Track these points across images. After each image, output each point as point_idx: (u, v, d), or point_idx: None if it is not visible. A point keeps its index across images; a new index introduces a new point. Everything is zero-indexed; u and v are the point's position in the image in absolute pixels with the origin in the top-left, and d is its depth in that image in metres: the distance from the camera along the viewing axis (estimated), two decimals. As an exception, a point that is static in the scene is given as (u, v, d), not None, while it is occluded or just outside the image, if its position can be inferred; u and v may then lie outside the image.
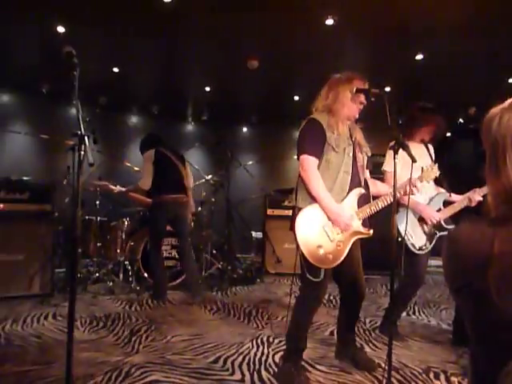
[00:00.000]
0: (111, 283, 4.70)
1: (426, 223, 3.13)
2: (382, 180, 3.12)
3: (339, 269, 2.54)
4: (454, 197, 3.30)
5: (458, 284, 0.85)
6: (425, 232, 3.15)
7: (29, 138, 6.70)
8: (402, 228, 2.98)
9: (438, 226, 3.17)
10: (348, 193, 2.51)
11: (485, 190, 3.08)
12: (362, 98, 2.52)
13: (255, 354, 2.93)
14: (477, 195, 3.16)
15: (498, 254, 0.76)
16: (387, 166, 3.25)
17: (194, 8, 3.99)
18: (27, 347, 2.95)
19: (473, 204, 3.16)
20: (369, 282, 5.53)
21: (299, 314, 2.59)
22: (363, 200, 2.57)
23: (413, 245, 3.13)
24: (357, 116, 2.59)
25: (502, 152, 0.84)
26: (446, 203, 3.29)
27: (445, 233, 3.17)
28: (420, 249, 3.13)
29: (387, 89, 5.84)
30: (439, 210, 3.23)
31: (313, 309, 2.58)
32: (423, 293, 4.99)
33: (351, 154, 2.53)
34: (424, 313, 4.13)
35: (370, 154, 2.71)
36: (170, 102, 7.50)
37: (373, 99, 2.37)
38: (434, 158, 3.33)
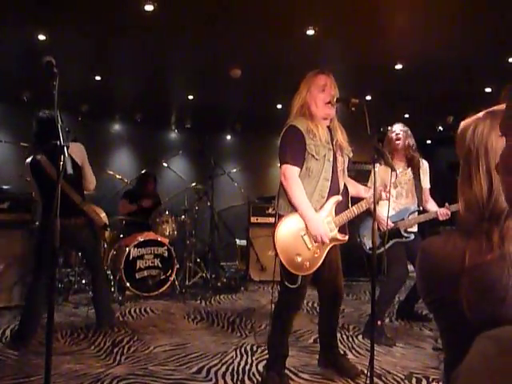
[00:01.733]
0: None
1: (379, 228, 3.40)
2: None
3: (318, 272, 2.58)
4: (431, 206, 3.63)
5: (431, 296, 0.87)
6: (379, 235, 3.42)
7: (9, 146, 6.59)
8: (361, 231, 3.64)
9: (396, 233, 3.51)
10: (327, 199, 2.54)
11: (456, 206, 3.31)
12: (325, 95, 2.52)
13: (239, 364, 2.92)
14: (446, 210, 3.38)
15: (468, 267, 0.77)
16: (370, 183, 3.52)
17: (176, 17, 4.00)
18: (6, 360, 2.89)
19: (441, 218, 3.44)
20: (352, 288, 5.56)
21: (278, 320, 2.61)
22: (341, 206, 2.60)
23: (364, 244, 3.62)
24: (331, 113, 2.57)
25: (475, 162, 0.86)
26: (421, 213, 3.62)
27: (401, 240, 3.54)
28: (370, 249, 3.50)
29: (368, 97, 5.93)
30: (402, 219, 3.54)
31: (291, 315, 2.60)
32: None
33: (331, 159, 2.55)
34: (406, 319, 4.15)
35: (351, 156, 2.74)
36: (153, 109, 7.47)
37: (353, 109, 2.39)
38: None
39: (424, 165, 3.72)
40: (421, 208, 3.60)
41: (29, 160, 3.40)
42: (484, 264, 0.77)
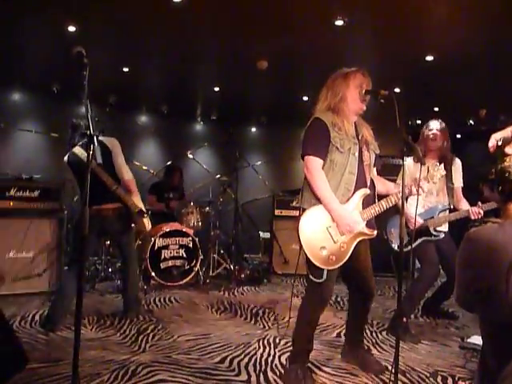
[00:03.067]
0: (119, 282, 4.72)
1: (407, 226, 3.34)
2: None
3: (347, 268, 2.55)
4: (462, 205, 3.54)
5: (479, 285, 0.82)
6: (408, 233, 3.35)
7: (39, 136, 6.75)
8: (388, 228, 3.59)
9: (425, 232, 3.45)
10: (353, 193, 2.50)
11: (489, 205, 3.32)
12: (361, 92, 2.48)
13: (261, 355, 2.92)
14: (478, 208, 3.33)
15: None
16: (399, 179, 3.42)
17: (203, 8, 3.99)
18: (35, 345, 2.98)
19: (473, 217, 3.36)
20: (376, 283, 5.47)
21: (305, 314, 2.59)
22: (368, 200, 2.56)
23: (391, 242, 3.58)
24: (363, 109, 2.54)
25: None
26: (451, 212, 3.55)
27: (430, 238, 3.47)
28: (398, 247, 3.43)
29: (396, 90, 5.80)
30: (432, 217, 3.47)
31: (318, 309, 2.57)
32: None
33: (357, 154, 2.51)
34: (432, 316, 4.08)
35: (378, 152, 2.69)
36: (180, 101, 7.51)
37: (382, 101, 2.34)
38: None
39: (457, 163, 3.63)
40: (451, 206, 3.51)
41: (66, 157, 3.50)
42: None
